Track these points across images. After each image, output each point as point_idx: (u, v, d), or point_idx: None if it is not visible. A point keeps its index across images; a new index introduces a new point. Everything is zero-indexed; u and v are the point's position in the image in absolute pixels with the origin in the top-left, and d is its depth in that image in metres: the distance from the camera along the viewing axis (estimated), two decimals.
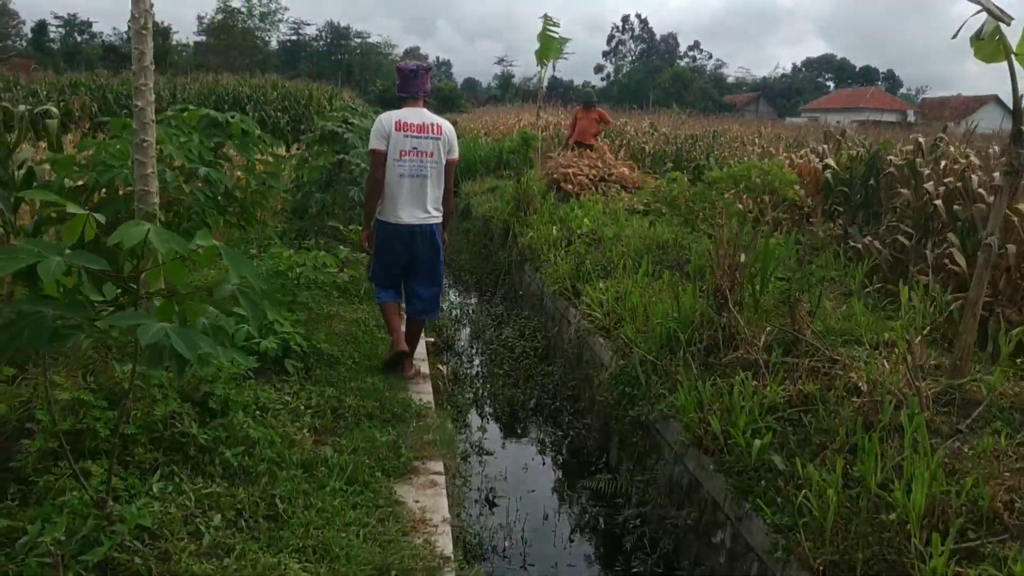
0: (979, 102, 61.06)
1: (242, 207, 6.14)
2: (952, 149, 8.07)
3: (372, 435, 4.16)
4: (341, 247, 8.38)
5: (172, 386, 3.62)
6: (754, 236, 5.81)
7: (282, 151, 17.37)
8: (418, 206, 5.40)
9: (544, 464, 6.28)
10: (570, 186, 12.90)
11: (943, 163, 7.46)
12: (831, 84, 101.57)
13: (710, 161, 19.33)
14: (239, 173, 6.29)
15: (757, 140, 21.43)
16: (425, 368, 5.96)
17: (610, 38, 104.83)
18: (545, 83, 17.33)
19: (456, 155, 5.59)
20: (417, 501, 3.79)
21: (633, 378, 5.66)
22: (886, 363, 4.78)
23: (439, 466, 4.23)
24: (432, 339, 7.74)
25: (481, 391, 7.57)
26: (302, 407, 4.28)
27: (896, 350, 5.12)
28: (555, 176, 13.28)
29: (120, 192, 5.36)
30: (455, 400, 6.97)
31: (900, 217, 8.87)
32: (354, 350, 5.61)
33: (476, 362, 8.50)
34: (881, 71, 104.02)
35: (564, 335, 7.89)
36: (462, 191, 16.70)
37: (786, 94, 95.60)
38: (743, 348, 5.20)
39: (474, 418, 6.99)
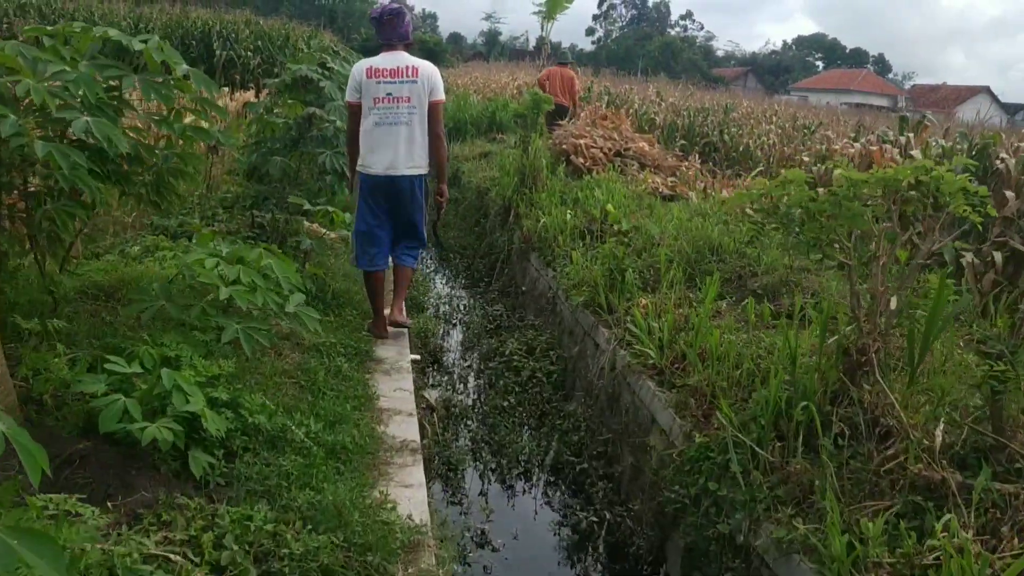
0: (970, 92, 59.88)
1: (157, 177, 4.19)
2: None
3: None
4: (306, 227, 6.43)
5: None
6: (909, 273, 3.97)
7: (250, 96, 15.23)
8: (396, 156, 5.15)
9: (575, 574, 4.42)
10: (581, 159, 10.97)
11: None
12: (820, 64, 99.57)
13: (723, 137, 17.53)
14: (156, 128, 4.29)
15: (774, 119, 19.53)
16: (412, 433, 4.06)
17: (601, 1, 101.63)
18: (533, 41, 15.41)
19: (440, 96, 5.27)
20: None
21: (721, 468, 3.84)
22: None
23: None
24: (418, 356, 5.86)
25: (479, 434, 5.69)
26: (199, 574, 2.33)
27: None
28: (564, 147, 11.33)
29: None
30: (447, 456, 5.11)
31: (1004, 229, 7.11)
32: (310, 409, 3.69)
33: (471, 384, 6.62)
34: (872, 54, 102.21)
35: (591, 362, 6.02)
36: (450, 154, 14.65)
37: (775, 71, 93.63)
38: (912, 451, 3.35)
39: (473, 480, 5.12)
